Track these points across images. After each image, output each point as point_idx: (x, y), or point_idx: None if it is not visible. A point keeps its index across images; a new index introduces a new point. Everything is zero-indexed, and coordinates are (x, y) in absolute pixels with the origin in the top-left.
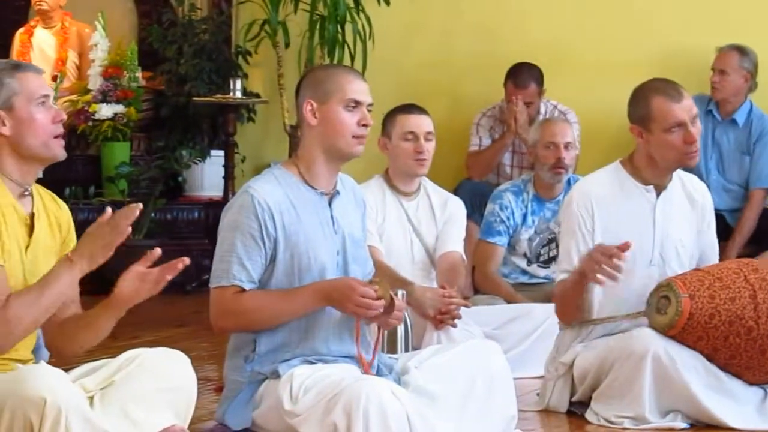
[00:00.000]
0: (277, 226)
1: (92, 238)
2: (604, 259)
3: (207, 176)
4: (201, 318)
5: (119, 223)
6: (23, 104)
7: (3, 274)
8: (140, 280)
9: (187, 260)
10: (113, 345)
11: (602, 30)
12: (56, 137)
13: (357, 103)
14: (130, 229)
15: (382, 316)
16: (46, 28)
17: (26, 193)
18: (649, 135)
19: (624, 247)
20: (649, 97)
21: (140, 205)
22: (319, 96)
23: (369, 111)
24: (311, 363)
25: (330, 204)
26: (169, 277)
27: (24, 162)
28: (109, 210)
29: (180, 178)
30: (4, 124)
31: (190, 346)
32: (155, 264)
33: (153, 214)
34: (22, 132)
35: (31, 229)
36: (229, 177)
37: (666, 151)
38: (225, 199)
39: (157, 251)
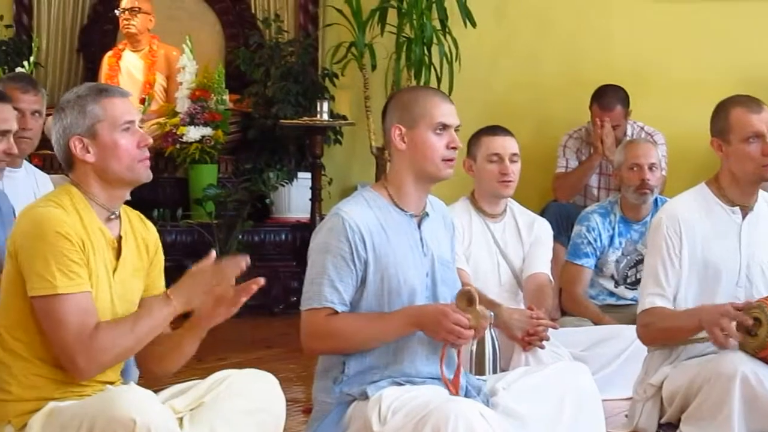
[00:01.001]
0: (367, 248)
1: (193, 279)
2: (730, 326)
3: (294, 198)
4: (288, 339)
5: (224, 270)
6: (107, 131)
7: (90, 299)
8: (216, 304)
9: (262, 281)
10: (200, 366)
11: (688, 50)
12: (141, 160)
13: (445, 127)
14: (233, 280)
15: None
16: (134, 51)
17: (113, 216)
18: (727, 147)
19: (745, 307)
20: (728, 109)
21: (247, 258)
22: (406, 121)
23: (456, 132)
24: (400, 384)
25: (419, 226)
26: (244, 299)
27: (110, 187)
28: (213, 253)
29: (267, 200)
30: (89, 152)
31: (277, 367)
32: (240, 280)
33: (240, 236)
34: (107, 158)
35: (118, 252)
36: (316, 199)
37: (744, 162)
38: (312, 221)
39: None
